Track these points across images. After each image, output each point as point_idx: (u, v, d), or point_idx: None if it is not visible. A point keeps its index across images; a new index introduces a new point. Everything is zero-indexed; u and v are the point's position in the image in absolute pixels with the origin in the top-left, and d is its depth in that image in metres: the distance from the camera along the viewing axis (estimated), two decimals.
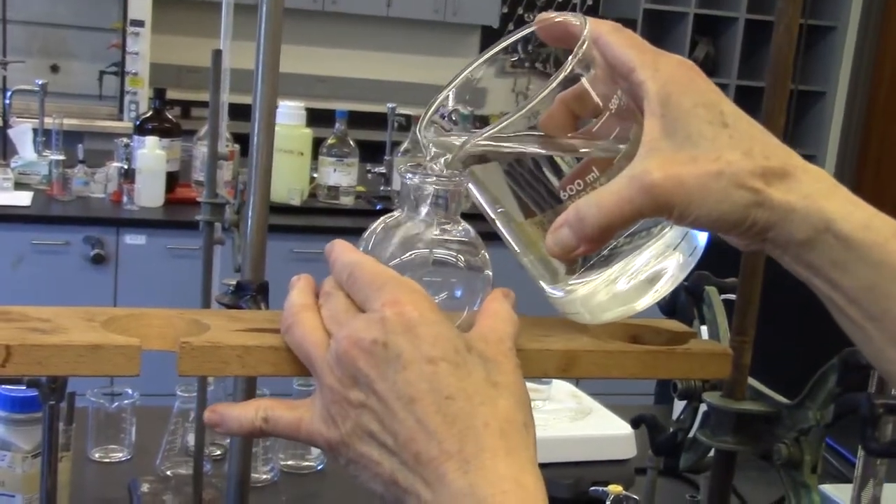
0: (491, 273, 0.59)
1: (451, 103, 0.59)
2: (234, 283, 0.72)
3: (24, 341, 0.52)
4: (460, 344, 0.53)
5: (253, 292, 0.71)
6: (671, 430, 0.78)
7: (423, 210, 0.57)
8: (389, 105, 3.41)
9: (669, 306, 0.72)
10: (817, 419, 0.69)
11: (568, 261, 0.57)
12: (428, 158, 0.57)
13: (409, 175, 0.57)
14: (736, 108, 0.55)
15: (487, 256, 0.59)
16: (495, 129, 0.54)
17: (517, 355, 0.56)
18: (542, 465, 1.46)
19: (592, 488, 1.16)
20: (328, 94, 4.95)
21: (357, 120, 3.55)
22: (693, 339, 0.63)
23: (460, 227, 0.58)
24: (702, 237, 0.59)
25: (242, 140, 3.49)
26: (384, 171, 3.34)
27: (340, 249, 0.57)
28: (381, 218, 0.59)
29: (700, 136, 0.54)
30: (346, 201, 3.13)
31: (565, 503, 1.27)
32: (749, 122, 0.55)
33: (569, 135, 0.56)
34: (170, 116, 3.11)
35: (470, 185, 0.58)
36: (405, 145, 3.12)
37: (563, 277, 0.59)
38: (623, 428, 1.39)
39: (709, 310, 0.76)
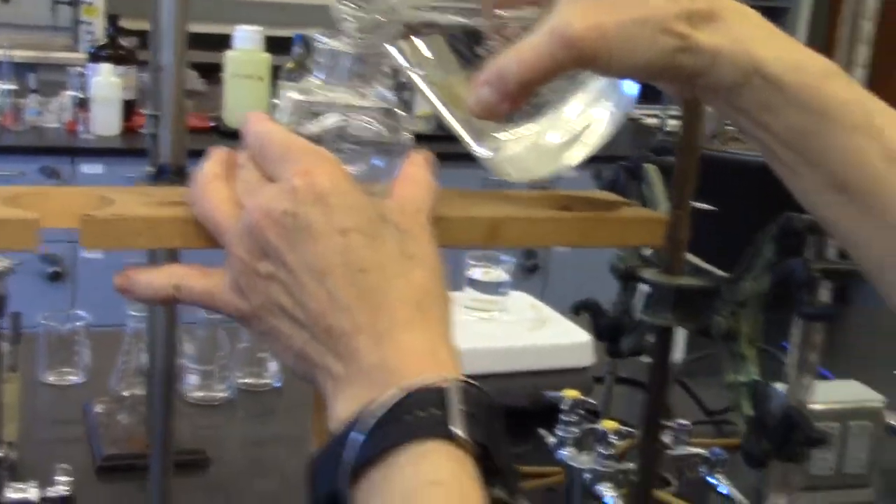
0: (411, 139, 0.56)
1: None
2: (153, 169, 0.69)
3: None
4: (374, 214, 0.51)
5: (171, 174, 0.68)
6: (613, 314, 0.76)
7: (338, 76, 0.55)
8: None
9: (608, 185, 0.70)
10: (755, 290, 0.68)
11: (492, 118, 0.55)
12: (342, 25, 0.55)
13: (323, 39, 0.54)
14: None
15: (409, 122, 0.56)
16: None
17: (440, 224, 0.54)
18: (501, 375, 1.46)
19: (547, 392, 1.15)
20: (287, 20, 4.85)
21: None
22: (626, 207, 0.61)
23: (377, 93, 0.56)
24: (631, 87, 0.57)
25: (202, 69, 3.40)
26: None
27: (253, 120, 0.55)
28: (294, 85, 0.56)
29: None
30: None
31: (523, 412, 1.26)
32: None
33: None
34: (125, 45, 3.04)
35: (390, 49, 0.55)
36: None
37: (490, 134, 0.57)
38: (581, 336, 1.38)
39: (647, 188, 0.74)
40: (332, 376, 0.50)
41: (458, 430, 0.47)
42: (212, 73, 3.09)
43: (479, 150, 0.58)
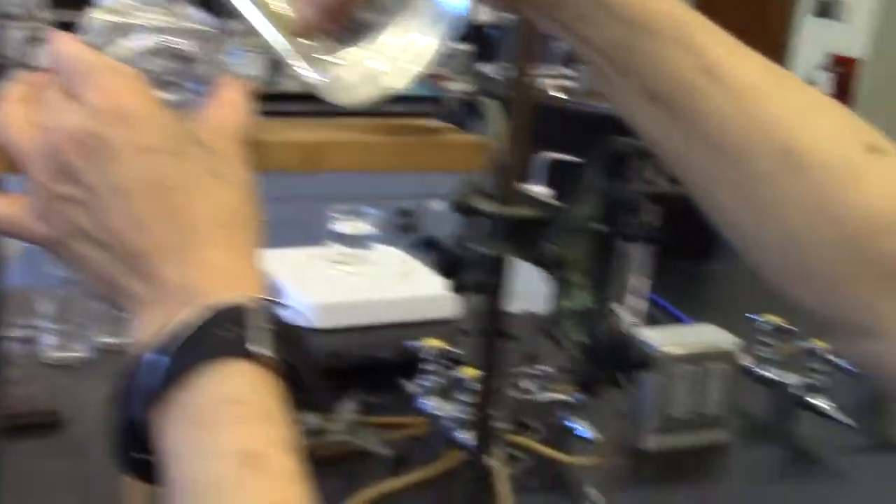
0: (227, 62, 0.54)
1: None
2: None
3: None
4: (182, 134, 0.50)
5: None
6: (452, 248, 0.76)
7: None
8: None
9: (447, 120, 0.69)
10: (583, 215, 0.68)
11: (317, 37, 0.54)
12: None
13: None
14: None
15: (225, 45, 0.54)
16: None
17: (258, 149, 0.53)
18: (366, 328, 1.44)
19: (408, 343, 1.15)
20: None
21: None
22: (450, 133, 0.60)
23: (195, 16, 0.54)
24: (459, 6, 0.56)
25: (69, 28, 3.32)
26: None
27: (59, 41, 0.52)
28: (105, 4, 0.54)
29: None
30: None
31: (388, 364, 1.25)
32: None
33: None
34: None
35: None
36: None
37: (316, 57, 0.55)
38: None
39: (485, 123, 0.73)
40: (135, 298, 0.49)
41: (260, 349, 0.46)
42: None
43: (306, 74, 0.57)
